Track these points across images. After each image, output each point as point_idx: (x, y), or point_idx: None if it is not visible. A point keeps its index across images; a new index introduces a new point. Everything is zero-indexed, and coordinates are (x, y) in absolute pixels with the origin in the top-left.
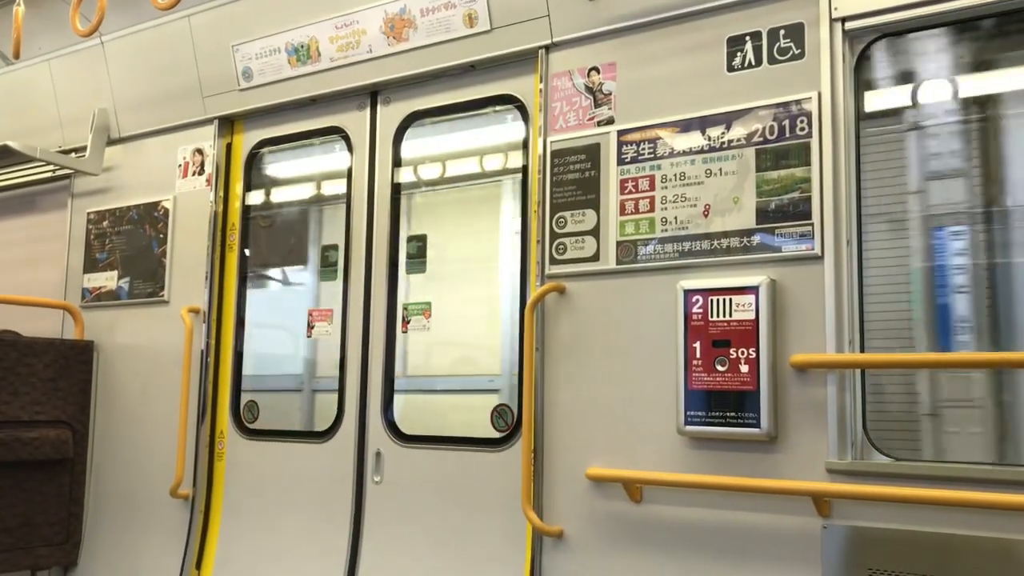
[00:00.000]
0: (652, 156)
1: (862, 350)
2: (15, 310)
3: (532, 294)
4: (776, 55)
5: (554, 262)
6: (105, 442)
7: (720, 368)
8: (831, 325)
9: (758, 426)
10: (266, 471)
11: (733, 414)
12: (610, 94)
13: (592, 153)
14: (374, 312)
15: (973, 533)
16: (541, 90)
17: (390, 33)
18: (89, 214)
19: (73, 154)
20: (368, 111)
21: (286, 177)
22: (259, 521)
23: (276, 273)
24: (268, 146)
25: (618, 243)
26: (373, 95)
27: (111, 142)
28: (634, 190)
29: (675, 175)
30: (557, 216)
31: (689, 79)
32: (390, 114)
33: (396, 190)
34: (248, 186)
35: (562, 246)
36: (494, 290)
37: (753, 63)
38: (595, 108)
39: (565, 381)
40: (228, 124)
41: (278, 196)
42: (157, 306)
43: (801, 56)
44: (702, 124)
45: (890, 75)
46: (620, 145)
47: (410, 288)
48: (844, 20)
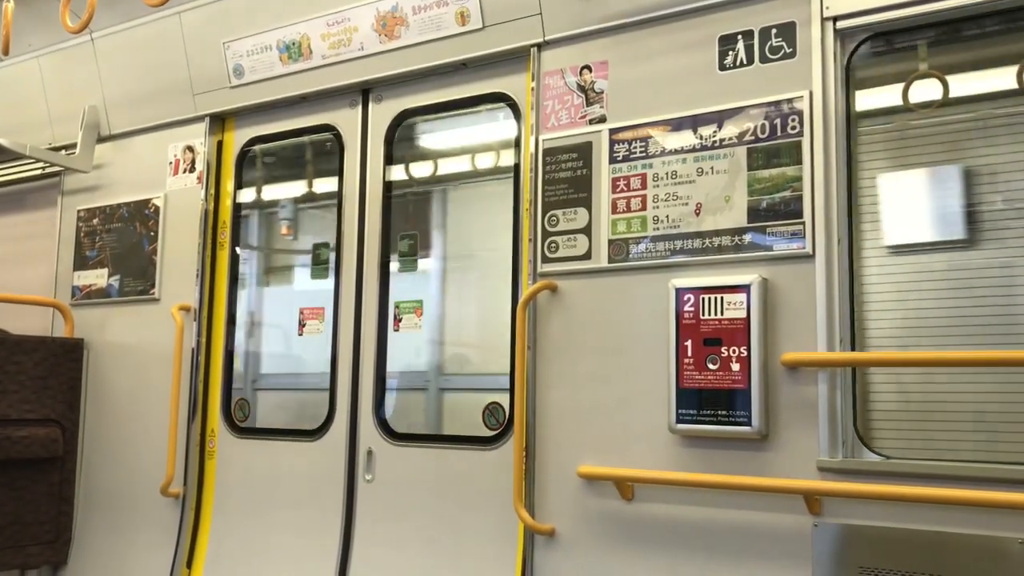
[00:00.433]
0: (644, 155)
1: (853, 348)
2: (4, 308)
3: (524, 292)
4: (768, 54)
5: (546, 260)
6: (95, 440)
7: (711, 366)
8: (822, 324)
9: (749, 424)
10: (257, 469)
11: (724, 412)
12: (602, 92)
13: (584, 151)
14: (365, 310)
15: (963, 531)
16: (533, 88)
17: (382, 31)
18: (79, 212)
19: (63, 151)
20: (360, 109)
21: (433, 150)
22: (250, 519)
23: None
24: (259, 144)
25: (610, 241)
26: (365, 93)
27: (101, 139)
28: (626, 188)
29: (667, 174)
30: (549, 214)
31: (681, 78)
32: (382, 112)
33: (388, 188)
34: (239, 183)
35: (554, 244)
36: None
37: (745, 62)
38: (587, 106)
39: (557, 379)
40: (219, 121)
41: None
42: (148, 304)
43: (793, 55)
44: (694, 123)
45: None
46: (612, 143)
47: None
48: (835, 19)
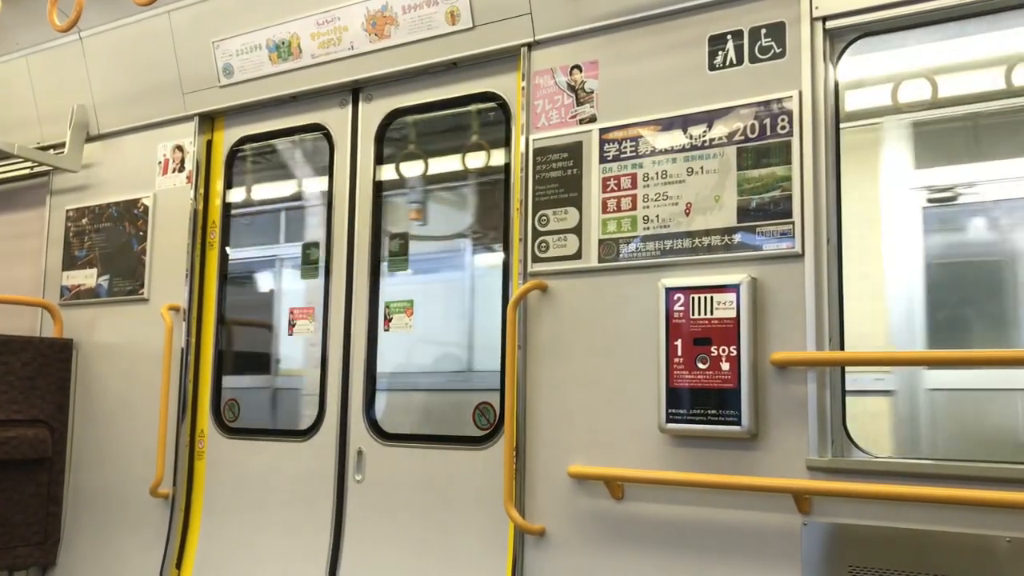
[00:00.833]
0: (634, 154)
1: (842, 348)
2: None
3: (514, 292)
4: (757, 54)
5: (536, 260)
6: (84, 441)
7: (701, 366)
8: (811, 323)
9: (739, 423)
10: (247, 470)
11: (714, 412)
12: (592, 92)
13: (574, 151)
14: (355, 310)
15: (952, 529)
16: (523, 88)
17: (372, 30)
18: (68, 211)
19: (52, 151)
20: (350, 108)
21: None
22: (240, 520)
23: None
24: (249, 143)
25: (600, 241)
26: (355, 92)
27: (90, 139)
28: (616, 188)
29: (657, 173)
30: (539, 214)
31: (671, 78)
32: (372, 111)
33: (378, 188)
34: (229, 183)
35: (544, 244)
36: (876, 262)
37: (734, 62)
38: (577, 106)
39: (547, 379)
40: (208, 121)
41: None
42: (137, 304)
43: (782, 55)
44: (684, 123)
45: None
46: (602, 143)
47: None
48: (825, 19)
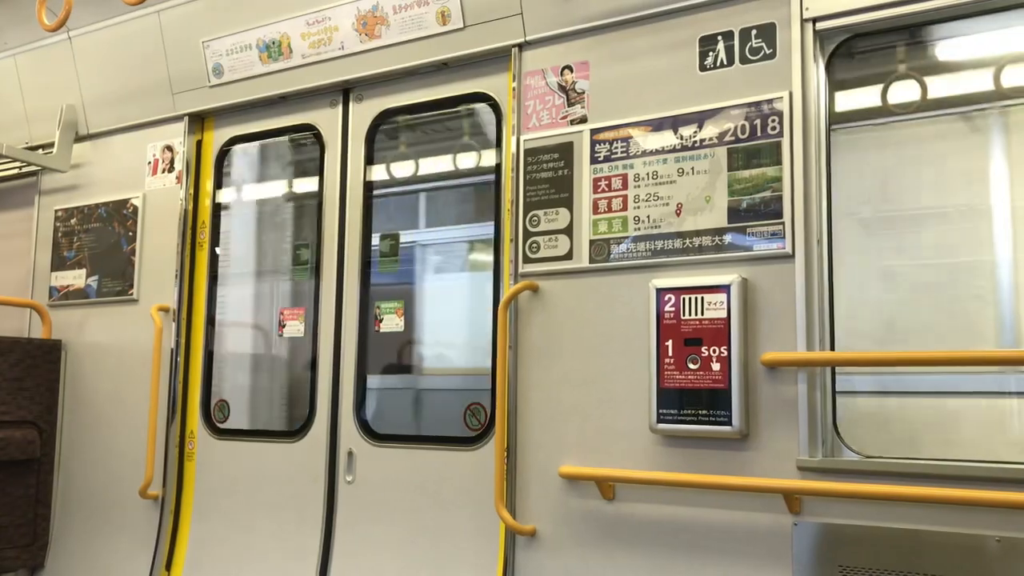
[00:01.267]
0: (625, 155)
1: (832, 348)
2: None
3: (505, 293)
4: (748, 55)
5: (527, 260)
6: (73, 442)
7: (692, 366)
8: (802, 323)
9: (730, 424)
10: (237, 471)
11: (705, 412)
12: (583, 93)
13: (565, 152)
14: (346, 310)
15: (942, 529)
16: (514, 88)
17: (362, 30)
18: (57, 211)
19: (40, 151)
20: (340, 108)
21: None
22: (230, 521)
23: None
24: (239, 143)
25: (591, 242)
26: (345, 92)
27: (79, 138)
28: (607, 189)
29: (648, 174)
30: (530, 215)
31: (662, 78)
32: (362, 111)
33: (368, 188)
34: (219, 183)
35: (535, 244)
36: (986, 253)
37: (725, 63)
38: (568, 107)
39: (538, 380)
40: (198, 121)
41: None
42: (126, 305)
43: (772, 56)
44: (674, 123)
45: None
46: (593, 144)
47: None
48: (815, 20)
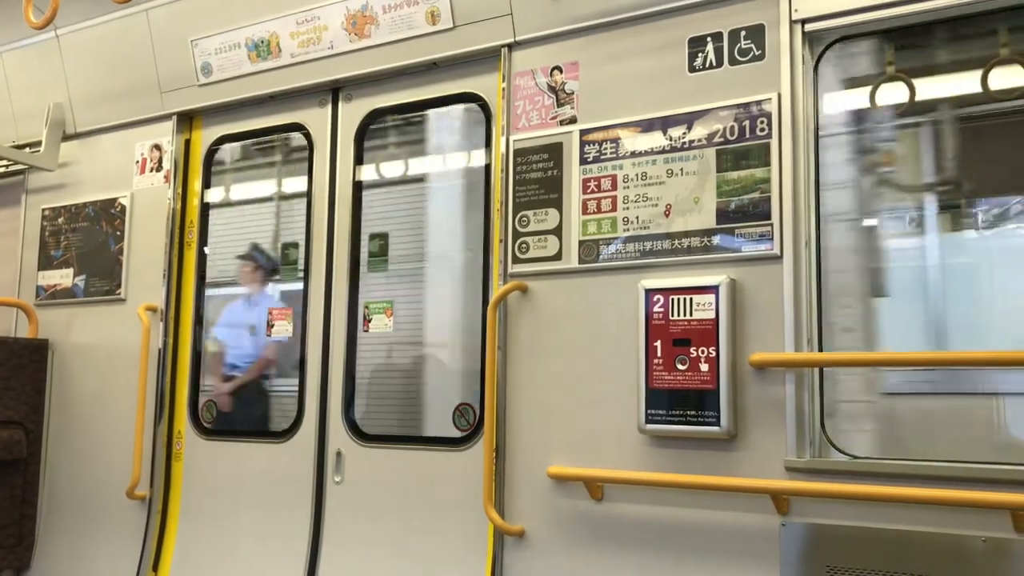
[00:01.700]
0: (614, 156)
1: (820, 349)
2: None
3: (494, 293)
4: (737, 56)
5: (517, 261)
6: (60, 443)
7: (680, 367)
8: (790, 324)
9: (718, 424)
10: (225, 471)
11: (693, 412)
12: (572, 93)
13: (555, 152)
14: (335, 310)
15: (928, 529)
16: (504, 89)
17: (352, 29)
18: (44, 210)
19: (27, 149)
20: (329, 108)
21: None
22: (217, 522)
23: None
24: (227, 142)
25: (580, 242)
26: (335, 92)
27: (67, 137)
28: (596, 189)
29: (637, 175)
30: (520, 215)
31: (651, 79)
32: (351, 111)
33: (357, 188)
34: (207, 182)
35: (525, 245)
36: None
37: (714, 64)
38: (558, 107)
39: (527, 380)
40: (187, 120)
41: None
42: (114, 304)
43: (761, 57)
44: (664, 124)
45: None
46: (582, 144)
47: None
48: (804, 22)
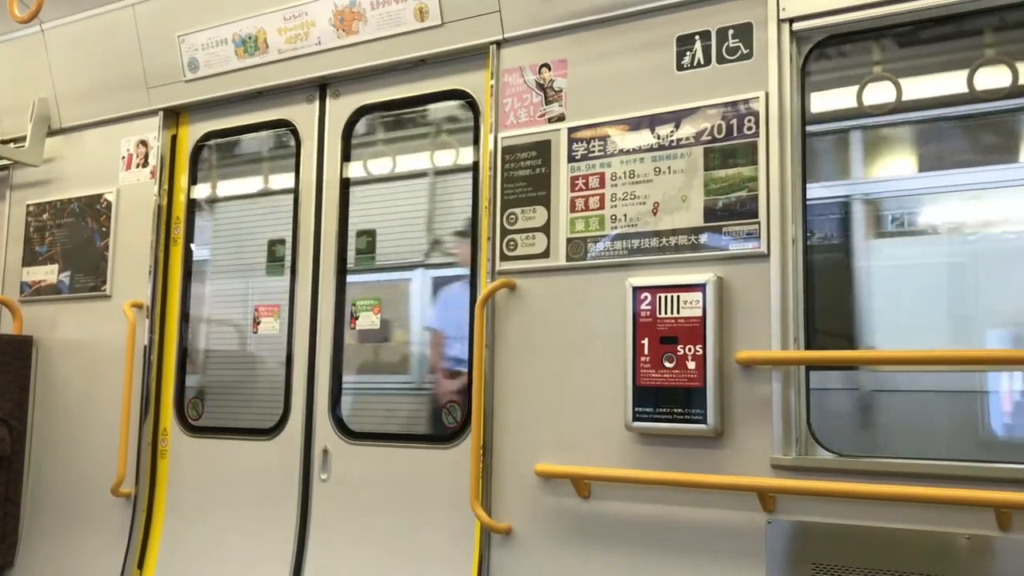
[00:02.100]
0: (602, 154)
1: (807, 347)
2: None
3: (482, 291)
4: (725, 55)
5: (504, 258)
6: (44, 440)
7: (668, 364)
8: (776, 323)
9: (705, 422)
10: (211, 469)
11: (680, 410)
12: (561, 91)
13: (543, 150)
14: (322, 308)
15: (913, 527)
16: (492, 86)
17: (339, 25)
18: (28, 206)
19: (12, 144)
20: (317, 104)
21: None
22: (203, 519)
23: None
24: (214, 139)
25: (568, 240)
26: (322, 88)
27: (52, 132)
28: (584, 187)
29: (625, 173)
30: (508, 212)
31: (639, 77)
32: (339, 107)
33: (345, 184)
34: (194, 179)
35: (513, 242)
36: None
37: (702, 62)
38: (546, 105)
39: (514, 378)
40: (173, 116)
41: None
42: (99, 301)
43: (749, 56)
44: (652, 122)
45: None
46: (571, 142)
47: None
48: (792, 21)
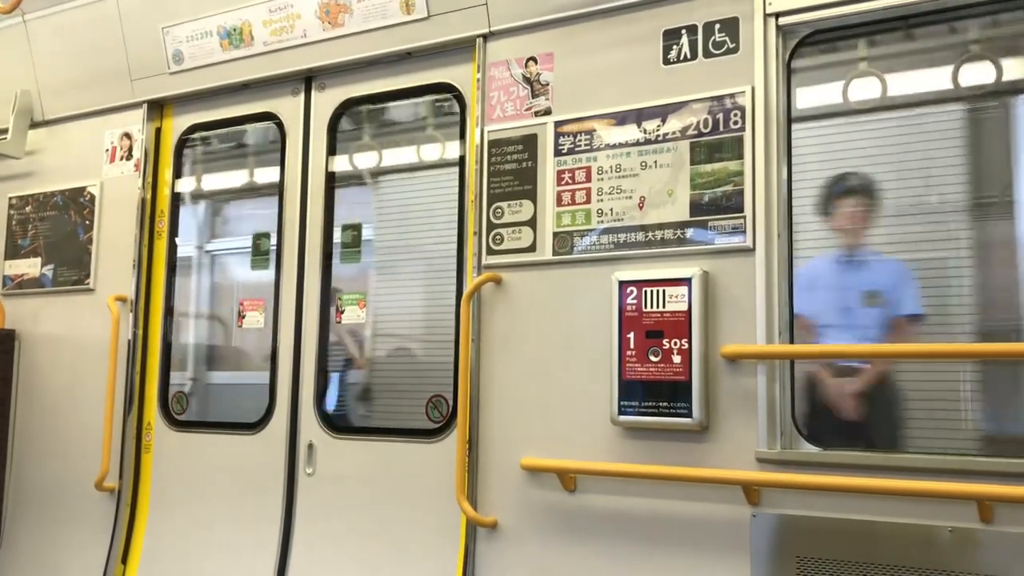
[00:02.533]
0: (588, 148)
1: (792, 341)
2: None
3: (468, 285)
4: (711, 49)
5: (491, 252)
6: (27, 434)
7: (653, 359)
8: (761, 317)
9: (690, 416)
10: (195, 463)
11: (666, 404)
12: (547, 84)
13: (529, 143)
14: (306, 301)
15: (897, 520)
16: (478, 79)
17: (325, 18)
18: (11, 199)
19: None
20: (302, 97)
21: None
22: (188, 514)
23: None
24: (199, 131)
25: (554, 234)
26: (308, 81)
27: (34, 125)
28: (571, 181)
29: (611, 167)
30: (494, 206)
31: (625, 71)
32: (325, 100)
33: (330, 178)
34: (178, 172)
35: (499, 236)
36: None
37: (689, 56)
38: (532, 98)
39: (500, 371)
40: (157, 108)
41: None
42: (82, 294)
43: (735, 50)
44: (638, 116)
45: None
46: (557, 136)
47: None
48: (778, 15)
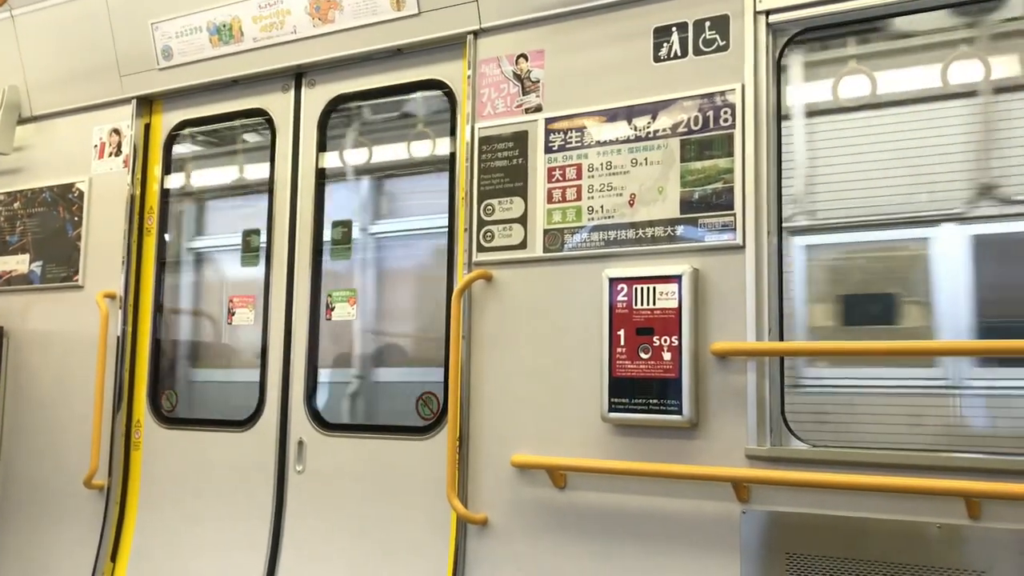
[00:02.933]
0: (579, 145)
1: (781, 339)
2: None
3: (459, 281)
4: (701, 46)
5: (481, 249)
6: (15, 432)
7: (643, 356)
8: (751, 314)
9: (680, 413)
10: (185, 461)
11: (656, 401)
12: (538, 82)
13: (520, 141)
14: (297, 299)
15: (885, 516)
16: (469, 76)
17: (315, 14)
18: None
19: None
20: (292, 93)
21: None
22: (177, 512)
23: None
24: (188, 127)
25: (545, 231)
26: (298, 77)
27: (23, 120)
28: (561, 178)
29: (602, 164)
30: (485, 203)
31: (616, 68)
32: (315, 97)
33: (320, 175)
34: (167, 168)
35: (489, 234)
36: None
37: (679, 54)
38: (523, 95)
39: (491, 369)
40: (147, 104)
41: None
42: (71, 291)
43: (726, 48)
44: (628, 114)
45: None
46: (548, 133)
47: None
48: (768, 13)
